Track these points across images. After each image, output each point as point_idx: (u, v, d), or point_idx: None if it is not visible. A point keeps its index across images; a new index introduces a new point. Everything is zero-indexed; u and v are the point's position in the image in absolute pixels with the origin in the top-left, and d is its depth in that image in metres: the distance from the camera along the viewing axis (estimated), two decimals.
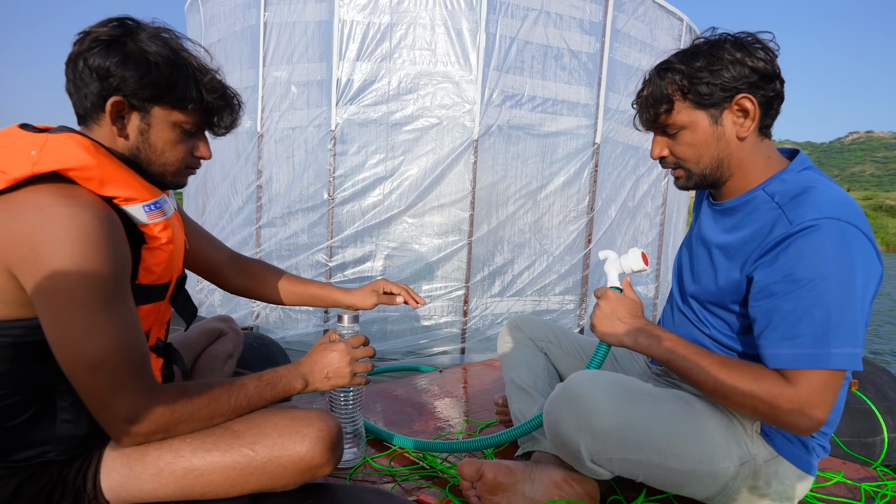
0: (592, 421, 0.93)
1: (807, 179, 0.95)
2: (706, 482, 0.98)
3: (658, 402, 0.98)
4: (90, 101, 0.82)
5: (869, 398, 2.05)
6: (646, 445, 0.94)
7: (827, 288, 0.84)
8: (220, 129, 0.96)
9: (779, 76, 0.96)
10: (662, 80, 0.99)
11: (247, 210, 3.56)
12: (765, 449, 1.00)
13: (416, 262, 3.33)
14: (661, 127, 1.03)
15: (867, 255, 0.86)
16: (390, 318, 3.36)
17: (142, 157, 0.87)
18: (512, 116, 3.33)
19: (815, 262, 0.85)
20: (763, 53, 0.95)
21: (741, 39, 0.96)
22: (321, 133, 3.30)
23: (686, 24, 3.94)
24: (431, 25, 3.20)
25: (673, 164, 1.05)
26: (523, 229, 3.47)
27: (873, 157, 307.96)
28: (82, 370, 0.74)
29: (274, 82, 3.39)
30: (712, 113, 0.97)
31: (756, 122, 0.97)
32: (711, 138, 0.98)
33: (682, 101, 0.98)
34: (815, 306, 0.85)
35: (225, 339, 1.50)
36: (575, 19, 3.36)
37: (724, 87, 0.94)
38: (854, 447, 1.96)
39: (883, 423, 1.99)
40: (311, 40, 3.30)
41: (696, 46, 1.00)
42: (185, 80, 0.85)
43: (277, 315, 3.53)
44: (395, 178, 3.29)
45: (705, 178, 1.03)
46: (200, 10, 3.87)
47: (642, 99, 1.04)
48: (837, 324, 0.84)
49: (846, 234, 0.85)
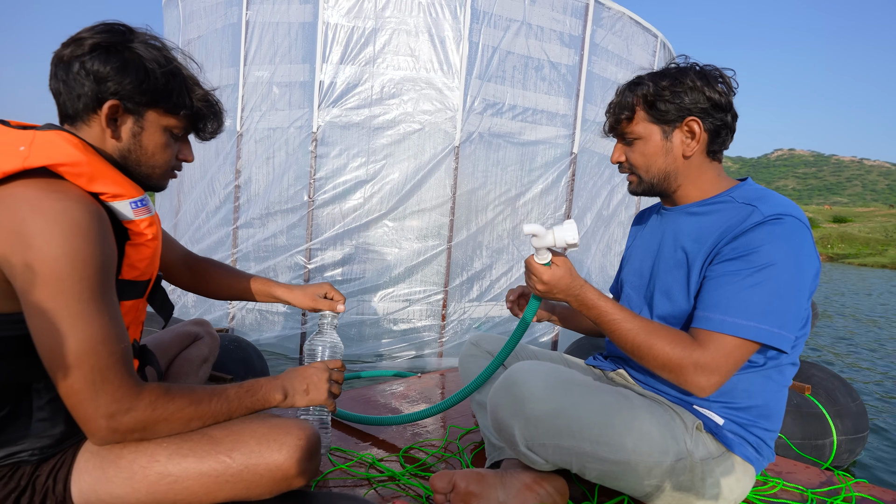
0: (526, 407, 0.98)
1: (763, 189, 1.08)
2: (641, 474, 0.99)
3: (593, 392, 1.02)
4: (83, 103, 0.84)
5: (821, 403, 2.16)
6: (578, 433, 0.97)
7: (776, 274, 0.94)
8: (206, 133, 1.01)
9: (731, 110, 1.08)
10: (631, 92, 1.12)
11: (224, 210, 3.53)
12: (704, 447, 1.03)
13: (395, 265, 3.35)
14: (621, 135, 1.15)
15: (814, 254, 0.99)
16: (368, 322, 3.37)
17: (132, 158, 0.90)
18: (493, 124, 3.38)
19: (772, 250, 0.95)
20: (722, 87, 1.07)
21: (705, 71, 1.08)
22: (302, 135, 3.30)
23: (660, 41, 4.06)
24: (415, 32, 3.24)
25: (628, 169, 1.17)
26: (502, 235, 3.52)
27: (794, 172, 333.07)
28: (65, 362, 0.73)
29: (255, 82, 3.37)
30: (665, 129, 1.09)
31: (701, 145, 1.08)
32: (661, 151, 1.10)
33: (642, 113, 1.10)
34: (760, 287, 0.95)
35: (200, 343, 1.48)
36: (555, 32, 3.43)
37: (680, 108, 1.06)
38: (805, 449, 2.07)
39: (833, 427, 2.10)
40: (294, 41, 3.30)
41: (666, 69, 1.11)
42: (179, 88, 0.90)
43: (254, 317, 3.50)
44: (377, 182, 3.30)
45: (653, 186, 1.15)
46: (179, 6, 3.83)
47: (611, 106, 1.16)
48: (772, 306, 0.94)
49: (801, 232, 0.97)
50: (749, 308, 0.94)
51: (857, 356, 4.77)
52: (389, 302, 3.38)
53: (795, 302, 0.96)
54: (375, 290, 3.36)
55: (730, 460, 1.05)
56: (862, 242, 41.88)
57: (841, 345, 5.29)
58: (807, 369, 2.37)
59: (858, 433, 2.15)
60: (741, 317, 0.94)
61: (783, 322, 0.95)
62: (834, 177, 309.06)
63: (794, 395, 2.14)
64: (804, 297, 0.97)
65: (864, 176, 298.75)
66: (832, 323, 6.59)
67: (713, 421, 1.06)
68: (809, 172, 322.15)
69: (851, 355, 4.79)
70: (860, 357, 4.73)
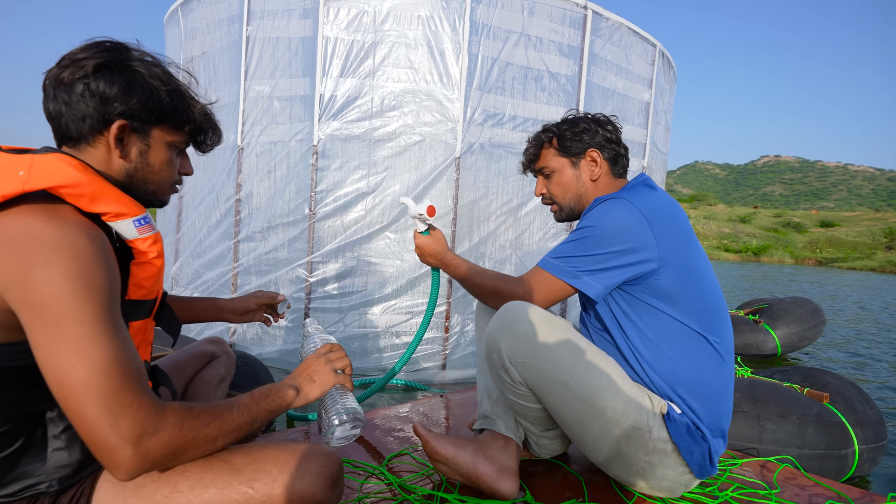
0: (514, 326, 1.15)
1: (628, 186, 1.30)
2: (602, 425, 1.12)
3: (577, 335, 1.18)
4: (89, 125, 0.84)
5: (840, 411, 2.14)
6: (555, 359, 1.13)
7: (583, 236, 1.18)
8: (207, 146, 1.03)
9: (620, 143, 1.38)
10: (542, 135, 1.42)
11: (225, 224, 3.50)
12: (663, 430, 1.14)
13: (397, 277, 3.33)
14: (540, 170, 1.43)
15: (629, 223, 1.15)
16: (370, 335, 3.34)
17: (138, 176, 0.90)
18: (493, 135, 3.39)
19: (587, 219, 1.20)
20: (611, 128, 1.37)
21: (597, 118, 1.38)
22: (303, 148, 3.29)
23: (658, 50, 4.10)
24: (415, 45, 3.25)
25: (549, 200, 1.43)
26: (504, 245, 3.52)
27: (781, 178, 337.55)
28: (75, 390, 0.69)
29: (256, 96, 3.36)
30: (572, 160, 1.37)
31: (604, 169, 1.35)
32: (572, 178, 1.37)
33: (552, 150, 1.39)
34: (574, 242, 1.20)
35: (217, 363, 1.47)
36: (554, 42, 3.46)
37: (580, 142, 1.35)
38: (828, 461, 2.03)
39: (854, 436, 2.08)
40: (295, 56, 3.30)
41: (565, 118, 1.42)
42: (182, 104, 0.91)
43: (255, 331, 3.46)
44: (378, 194, 3.29)
45: (572, 210, 1.39)
46: (181, 23, 3.83)
47: (527, 149, 1.45)
48: (572, 253, 1.19)
49: (619, 204, 1.17)
50: (558, 252, 1.22)
51: (866, 359, 4.79)
52: (392, 314, 3.35)
53: (595, 249, 1.16)
54: (377, 302, 3.33)
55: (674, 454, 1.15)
56: (850, 246, 42.40)
57: (846, 351, 5.31)
58: (823, 377, 2.36)
59: (878, 441, 2.13)
60: (550, 256, 1.23)
61: (581, 266, 1.17)
62: (820, 182, 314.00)
63: (815, 405, 2.13)
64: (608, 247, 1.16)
65: (848, 181, 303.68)
66: (838, 328, 6.62)
67: (673, 409, 1.16)
68: (796, 178, 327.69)
69: (855, 360, 4.81)
70: (865, 360, 4.76)
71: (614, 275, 1.16)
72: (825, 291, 12.48)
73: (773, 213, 68.69)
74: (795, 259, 36.61)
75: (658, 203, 1.20)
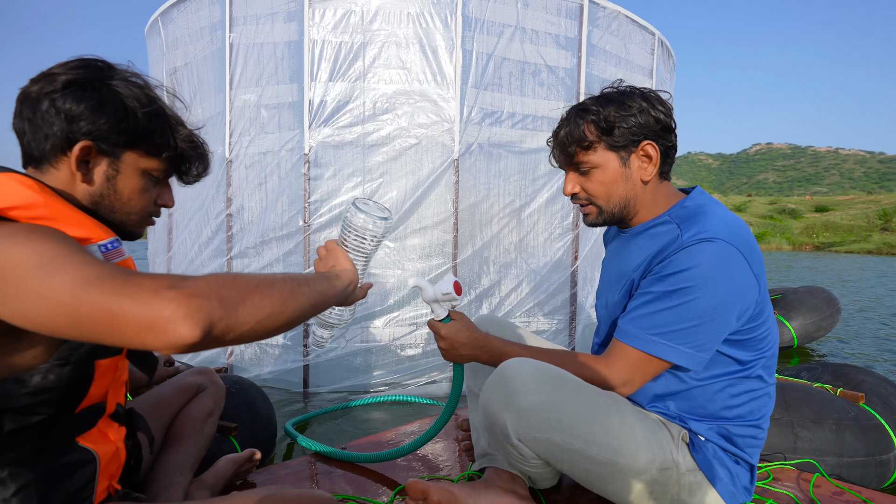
0: (517, 399, 0.98)
1: (701, 205, 1.07)
2: (627, 479, 1.00)
3: (584, 391, 1.01)
4: (51, 143, 0.78)
5: (878, 412, 2.00)
6: (568, 428, 0.98)
7: (691, 298, 0.96)
8: (191, 177, 0.96)
9: (674, 130, 1.09)
10: (581, 119, 1.08)
11: (217, 241, 3.35)
12: (689, 460, 1.04)
13: (399, 288, 3.19)
14: (574, 165, 1.11)
15: (740, 279, 0.96)
16: (374, 349, 3.19)
17: (104, 204, 0.83)
18: (492, 134, 3.25)
19: (691, 275, 0.95)
20: (663, 108, 1.07)
21: (646, 93, 1.08)
22: (294, 157, 3.14)
23: (658, 38, 3.98)
24: (406, 44, 3.11)
25: (584, 200, 1.13)
26: (508, 249, 3.38)
27: (774, 166, 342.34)
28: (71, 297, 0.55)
29: (242, 106, 3.21)
30: (622, 155, 1.07)
31: (657, 168, 1.08)
32: (621, 178, 1.08)
33: (598, 142, 1.07)
34: (675, 309, 0.97)
35: (204, 396, 1.35)
36: (551, 35, 3.33)
37: (633, 133, 1.05)
38: (869, 467, 1.89)
39: (894, 438, 1.94)
40: (281, 61, 3.15)
41: (608, 94, 1.09)
42: (162, 128, 0.85)
43: (253, 351, 3.31)
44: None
45: (614, 216, 1.13)
46: (161, 33, 3.68)
47: (560, 137, 1.11)
48: (683, 327, 0.97)
49: (725, 254, 0.95)
50: (660, 326, 0.98)
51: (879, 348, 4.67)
52: (395, 327, 3.20)
53: (712, 323, 0.96)
54: (379, 315, 3.19)
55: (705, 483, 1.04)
56: (846, 230, 42.53)
57: (869, 342, 5.19)
58: (855, 374, 2.22)
59: None
60: (651, 332, 0.99)
61: (695, 342, 0.97)
62: (812, 167, 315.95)
63: (851, 407, 1.98)
64: (725, 318, 0.97)
65: (840, 165, 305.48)
66: (852, 319, 6.51)
67: (697, 436, 1.07)
68: (788, 165, 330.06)
69: (877, 350, 4.68)
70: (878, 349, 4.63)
71: (723, 335, 1.00)
72: (828, 277, 12.39)
73: (768, 200, 69.18)
74: (793, 245, 36.83)
75: (742, 229, 1.02)
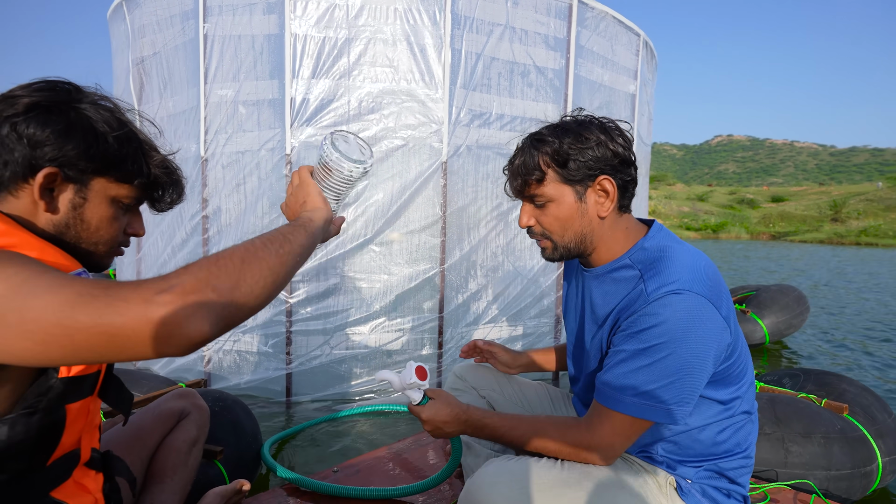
0: None
1: (662, 248, 1.02)
2: None
3: (560, 496, 0.96)
4: (11, 171, 0.73)
5: (860, 423, 2.05)
6: None
7: (665, 354, 0.92)
8: (164, 204, 0.92)
9: (634, 163, 1.04)
10: (536, 150, 1.03)
11: (191, 243, 3.18)
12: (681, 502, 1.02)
13: (385, 293, 3.11)
14: (529, 197, 1.07)
15: (712, 327, 0.93)
16: (360, 356, 3.11)
17: (70, 234, 0.79)
18: (481, 136, 3.18)
19: (662, 331, 0.92)
20: (622, 140, 1.02)
21: (605, 124, 1.03)
22: (275, 157, 3.00)
23: (642, 40, 3.96)
24: (393, 41, 2.99)
25: (540, 234, 1.09)
26: (496, 252, 3.33)
27: (734, 157, 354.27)
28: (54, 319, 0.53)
29: (218, 101, 3.04)
30: (577, 189, 1.03)
31: (615, 203, 1.04)
32: (576, 213, 1.04)
33: (552, 174, 1.03)
34: (652, 366, 0.93)
35: (187, 422, 1.27)
36: (540, 35, 3.26)
37: (589, 167, 1.00)
38: (855, 479, 1.93)
39: (876, 449, 1.99)
40: (260, 56, 2.99)
41: (565, 123, 1.04)
42: (134, 153, 0.81)
43: (232, 359, 3.18)
44: (359, 205, 3.04)
45: (569, 251, 1.08)
46: (126, 19, 3.44)
47: (515, 167, 1.07)
48: (662, 384, 0.93)
49: (694, 306, 0.91)
50: (639, 386, 0.94)
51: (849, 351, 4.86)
52: (382, 333, 3.13)
53: (690, 377, 0.94)
54: (365, 321, 3.10)
55: None
56: (799, 220, 44.36)
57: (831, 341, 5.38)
58: (837, 383, 2.26)
59: None
60: (630, 394, 0.95)
61: (676, 398, 0.94)
62: (769, 159, 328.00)
63: (837, 419, 2.02)
64: (702, 368, 0.95)
65: (795, 157, 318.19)
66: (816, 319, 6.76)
67: (685, 480, 1.05)
68: (747, 156, 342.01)
69: (840, 353, 4.87)
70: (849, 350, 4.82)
71: (703, 384, 0.97)
72: (785, 268, 12.87)
73: (728, 190, 71.20)
74: (751, 234, 38.18)
75: (706, 271, 0.97)
